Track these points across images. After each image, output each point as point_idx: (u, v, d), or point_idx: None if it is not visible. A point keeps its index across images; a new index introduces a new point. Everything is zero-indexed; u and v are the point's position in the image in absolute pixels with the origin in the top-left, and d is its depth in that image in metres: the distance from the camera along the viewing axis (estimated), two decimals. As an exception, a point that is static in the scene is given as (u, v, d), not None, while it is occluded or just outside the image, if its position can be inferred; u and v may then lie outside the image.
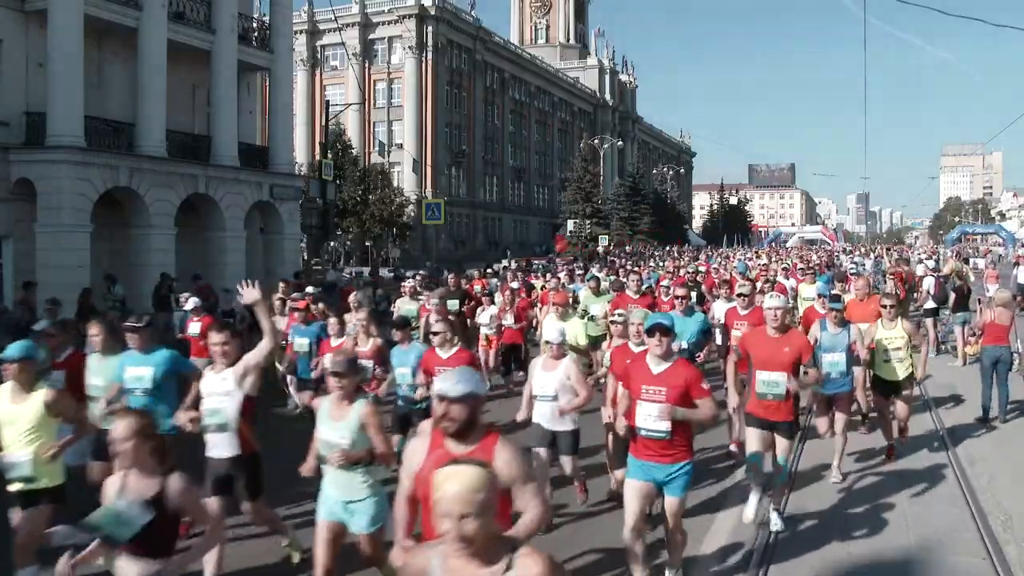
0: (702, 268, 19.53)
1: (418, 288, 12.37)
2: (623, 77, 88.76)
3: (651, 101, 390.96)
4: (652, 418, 4.61)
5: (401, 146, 55.83)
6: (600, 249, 46.94)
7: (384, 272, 30.28)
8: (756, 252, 45.64)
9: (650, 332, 4.69)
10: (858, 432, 8.42)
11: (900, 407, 7.62)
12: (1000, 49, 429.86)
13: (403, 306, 11.71)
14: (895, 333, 7.55)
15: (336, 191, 33.81)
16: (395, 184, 51.97)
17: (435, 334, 6.56)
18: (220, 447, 5.03)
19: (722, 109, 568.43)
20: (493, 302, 12.48)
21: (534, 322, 12.37)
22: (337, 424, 4.42)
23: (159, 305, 16.15)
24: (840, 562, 5.41)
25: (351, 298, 9.93)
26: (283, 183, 25.83)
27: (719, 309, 9.50)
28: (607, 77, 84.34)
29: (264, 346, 5.07)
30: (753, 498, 5.93)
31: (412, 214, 49.05)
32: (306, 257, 32.55)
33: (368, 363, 7.05)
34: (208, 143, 23.26)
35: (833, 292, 8.76)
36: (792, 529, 5.94)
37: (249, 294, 5.09)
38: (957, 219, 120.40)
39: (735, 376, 6.73)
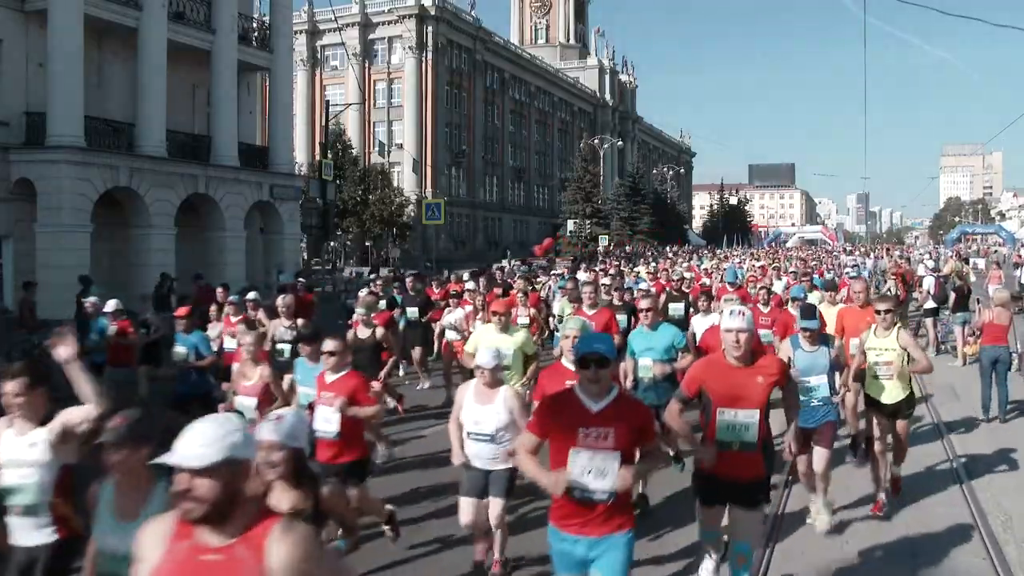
0: (688, 275, 16.56)
1: (376, 294, 11.05)
2: (623, 77, 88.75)
3: (651, 101, 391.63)
4: (593, 473, 3.36)
5: (401, 146, 55.83)
6: (600, 249, 46.91)
7: (384, 272, 30.29)
8: (753, 254, 44.00)
9: (582, 363, 3.48)
10: (848, 462, 7.08)
11: (897, 433, 6.25)
12: (1000, 49, 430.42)
13: (358, 309, 10.33)
14: (887, 343, 6.06)
15: (336, 191, 33.83)
16: (395, 184, 51.98)
17: (328, 354, 5.24)
18: (27, 533, 3.64)
19: (722, 109, 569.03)
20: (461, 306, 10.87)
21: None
22: (128, 524, 2.78)
23: (159, 305, 16.13)
24: (840, 562, 5.41)
25: (279, 302, 8.70)
26: (283, 183, 25.86)
27: (699, 325, 8.31)
28: (607, 77, 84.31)
29: (89, 411, 3.65)
30: (708, 564, 4.71)
31: (412, 214, 49.05)
32: (306, 257, 32.58)
33: (251, 401, 5.88)
34: (208, 143, 23.28)
35: (807, 303, 7.02)
36: (791, 528, 5.94)
37: (62, 348, 3.70)
38: (957, 219, 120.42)
39: (681, 424, 4.41)
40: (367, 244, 48.61)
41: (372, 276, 16.98)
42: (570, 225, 52.10)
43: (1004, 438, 8.50)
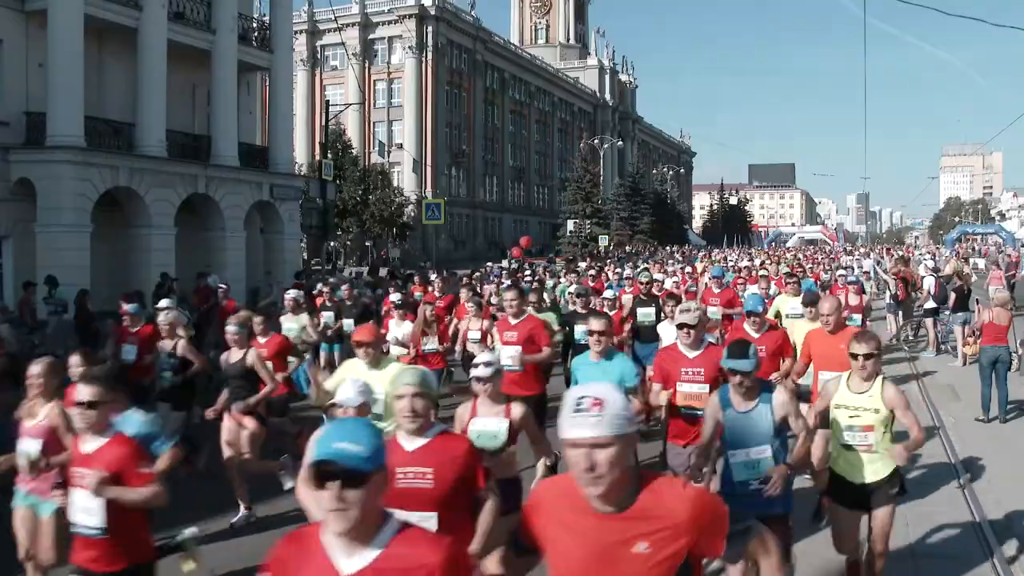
0: (660, 276, 14.84)
1: (300, 302, 9.44)
2: (623, 77, 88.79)
3: (651, 101, 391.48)
4: None
5: (401, 146, 55.83)
6: (601, 249, 46.89)
7: (383, 272, 30.28)
8: (751, 255, 41.86)
9: (315, 478, 1.89)
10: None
11: (876, 528, 4.39)
12: (1000, 49, 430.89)
13: (285, 324, 8.80)
14: (865, 400, 4.28)
15: (336, 191, 33.83)
16: (395, 184, 51.98)
17: (82, 406, 3.62)
18: None
19: (722, 109, 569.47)
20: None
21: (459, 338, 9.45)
22: None
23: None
24: (840, 562, 5.40)
25: (160, 319, 7.65)
26: (283, 183, 25.85)
27: (666, 333, 7.09)
28: (607, 77, 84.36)
29: None
30: None
31: (412, 214, 49.06)
32: (306, 257, 32.58)
33: (34, 444, 4.50)
34: (208, 143, 23.28)
35: (738, 341, 4.34)
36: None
37: None
38: (957, 219, 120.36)
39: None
40: (367, 244, 48.58)
41: (320, 283, 15.76)
42: (570, 225, 52.16)
43: (1004, 438, 8.51)
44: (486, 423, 4.21)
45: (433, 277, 14.32)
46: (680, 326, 5.12)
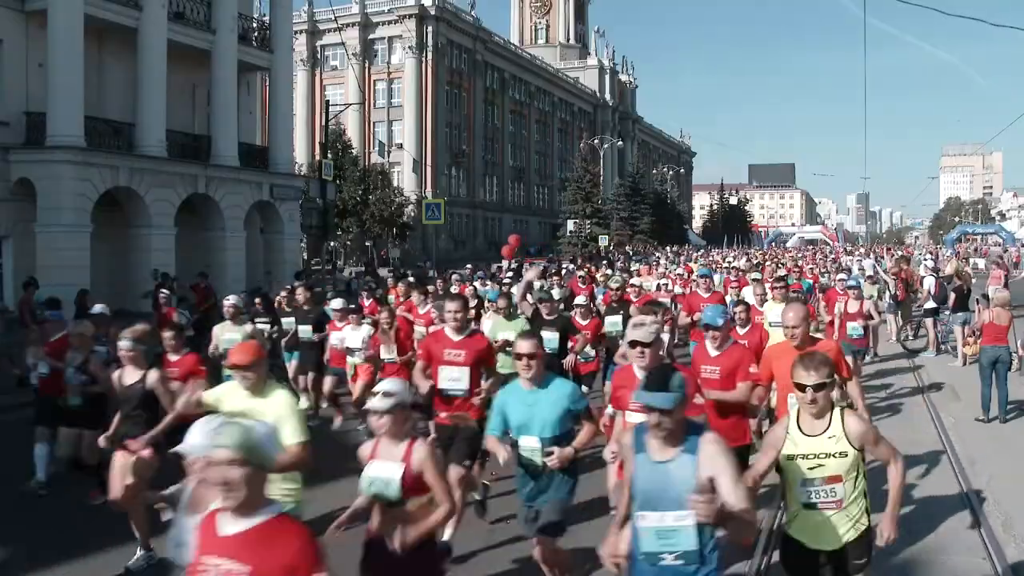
0: (638, 280, 13.45)
1: (240, 308, 8.54)
2: (623, 77, 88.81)
3: (651, 101, 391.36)
4: None
5: (401, 146, 55.84)
6: (600, 249, 46.90)
7: (383, 272, 30.25)
8: (749, 255, 40.72)
9: None
10: None
11: None
12: (1000, 49, 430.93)
13: (223, 334, 7.78)
14: (826, 444, 3.35)
15: (336, 191, 33.81)
16: (395, 184, 51.98)
17: None
18: None
19: (722, 109, 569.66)
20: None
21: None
22: None
23: (159, 305, 16.12)
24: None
25: (71, 327, 7.06)
26: (283, 183, 25.87)
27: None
28: (607, 77, 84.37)
29: None
30: None
31: (412, 214, 49.06)
32: (306, 257, 32.59)
33: None
34: (208, 143, 23.30)
35: (659, 367, 3.54)
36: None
37: None
38: (957, 219, 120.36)
39: None
40: (367, 244, 48.57)
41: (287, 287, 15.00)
42: (570, 225, 52.19)
43: (1004, 438, 8.50)
44: (380, 468, 3.49)
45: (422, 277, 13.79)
46: (632, 344, 4.11)
